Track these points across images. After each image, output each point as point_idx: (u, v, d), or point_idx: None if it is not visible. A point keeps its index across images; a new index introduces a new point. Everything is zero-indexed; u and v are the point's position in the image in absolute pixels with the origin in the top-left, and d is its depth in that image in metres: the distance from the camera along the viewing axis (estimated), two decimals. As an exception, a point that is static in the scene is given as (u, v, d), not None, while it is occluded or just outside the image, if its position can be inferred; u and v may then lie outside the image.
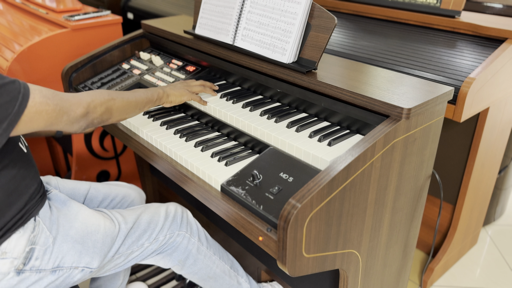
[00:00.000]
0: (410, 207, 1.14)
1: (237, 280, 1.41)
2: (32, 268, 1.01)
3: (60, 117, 0.94)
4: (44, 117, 0.91)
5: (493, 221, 2.19)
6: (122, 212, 1.21)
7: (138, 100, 1.13)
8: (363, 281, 1.11)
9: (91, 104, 1.00)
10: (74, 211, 1.11)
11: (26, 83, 0.91)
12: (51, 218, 1.06)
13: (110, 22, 2.01)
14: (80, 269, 1.08)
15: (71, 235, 1.07)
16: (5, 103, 0.84)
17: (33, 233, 1.02)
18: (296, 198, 0.79)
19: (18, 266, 0.99)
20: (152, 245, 1.22)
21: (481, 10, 1.77)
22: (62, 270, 1.06)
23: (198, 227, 1.33)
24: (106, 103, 1.04)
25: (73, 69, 1.60)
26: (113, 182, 1.44)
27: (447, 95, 1.05)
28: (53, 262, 1.04)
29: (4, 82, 0.86)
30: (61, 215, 1.09)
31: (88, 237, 1.09)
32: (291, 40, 1.15)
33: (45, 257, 1.03)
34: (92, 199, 1.33)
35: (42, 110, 0.90)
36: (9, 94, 0.85)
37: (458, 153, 1.62)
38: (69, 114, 0.96)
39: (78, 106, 0.97)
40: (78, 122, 0.99)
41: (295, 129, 1.09)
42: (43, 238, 1.03)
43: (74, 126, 0.99)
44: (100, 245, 1.11)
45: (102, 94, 1.04)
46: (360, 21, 1.78)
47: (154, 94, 1.18)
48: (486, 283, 1.80)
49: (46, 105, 0.91)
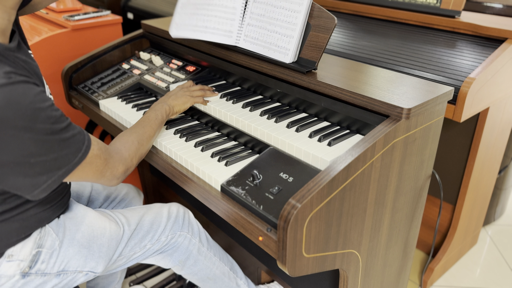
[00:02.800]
0: (410, 207, 1.14)
1: (236, 282, 1.41)
2: (37, 271, 1.01)
3: (105, 172, 0.95)
4: (93, 169, 0.91)
5: (493, 221, 2.19)
6: (125, 213, 1.21)
7: (155, 129, 1.14)
8: (363, 281, 1.11)
9: (128, 159, 1.02)
10: (81, 214, 1.11)
11: (88, 134, 0.91)
12: (57, 222, 1.06)
13: (110, 22, 2.01)
14: (85, 273, 1.08)
15: (77, 239, 1.07)
16: (70, 153, 0.85)
17: (40, 236, 1.01)
18: (296, 198, 0.79)
19: (24, 269, 0.99)
20: (154, 246, 1.22)
21: (481, 10, 1.77)
22: (67, 274, 1.06)
23: (199, 228, 1.33)
24: (139, 153, 1.06)
25: (73, 69, 1.60)
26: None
27: (447, 95, 1.05)
28: (59, 266, 1.04)
29: (75, 133, 0.86)
30: (67, 219, 1.09)
31: (94, 241, 1.09)
32: (292, 40, 1.15)
33: (51, 260, 1.03)
34: (93, 201, 1.34)
35: (94, 163, 0.91)
36: (76, 145, 0.86)
37: (458, 153, 1.62)
38: (112, 170, 0.97)
39: (119, 163, 0.98)
40: (118, 179, 1.00)
41: (295, 129, 1.09)
42: (49, 241, 1.03)
43: (113, 182, 1.00)
44: (106, 249, 1.11)
45: (134, 144, 1.05)
46: (360, 21, 1.78)
47: (163, 114, 1.18)
48: (486, 283, 1.80)
49: (98, 158, 0.92)
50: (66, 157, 0.84)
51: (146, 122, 1.13)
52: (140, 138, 1.08)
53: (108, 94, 1.49)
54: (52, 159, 0.82)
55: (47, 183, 0.85)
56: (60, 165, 0.84)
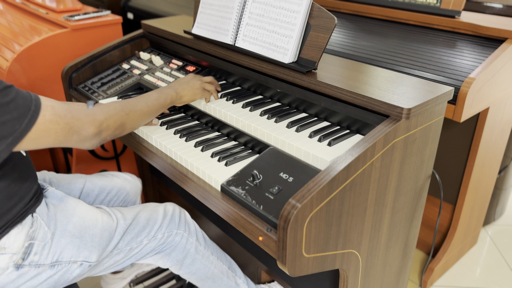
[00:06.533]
0: (410, 207, 1.14)
1: (235, 281, 1.41)
2: (31, 263, 1.02)
3: (69, 136, 0.91)
4: (52, 136, 0.88)
5: (493, 221, 2.19)
6: (121, 210, 1.22)
7: (151, 108, 1.10)
8: (363, 281, 1.11)
9: (104, 123, 0.97)
10: (71, 207, 1.12)
11: (38, 98, 0.86)
12: (48, 214, 1.07)
13: (110, 22, 2.01)
14: (79, 263, 1.09)
15: (69, 229, 1.07)
16: (12, 119, 0.81)
17: (32, 228, 1.02)
18: (296, 198, 0.79)
19: (17, 261, 0.99)
20: (150, 243, 1.23)
21: (481, 10, 1.77)
22: (61, 264, 1.06)
23: (196, 227, 1.33)
24: (119, 119, 1.01)
25: (73, 69, 1.60)
26: (109, 173, 1.44)
27: (447, 95, 1.05)
28: (52, 257, 1.05)
29: (15, 97, 0.82)
30: (58, 211, 1.09)
31: (86, 231, 1.10)
32: (292, 40, 1.15)
33: (44, 252, 1.03)
34: (89, 193, 1.33)
35: (51, 129, 0.87)
36: (18, 110, 0.81)
37: (458, 153, 1.62)
38: (79, 133, 0.92)
39: (90, 125, 0.94)
40: (90, 141, 0.96)
41: (295, 129, 1.09)
42: (41, 233, 1.03)
43: (86, 144, 0.95)
44: (98, 239, 1.11)
45: (115, 109, 1.00)
46: (360, 21, 1.78)
47: (168, 98, 1.15)
48: (486, 283, 1.80)
49: (56, 123, 0.87)
50: (9, 123, 0.80)
51: (144, 98, 1.10)
52: (126, 106, 1.03)
53: (108, 94, 1.49)
54: None
55: None
56: (4, 132, 0.80)
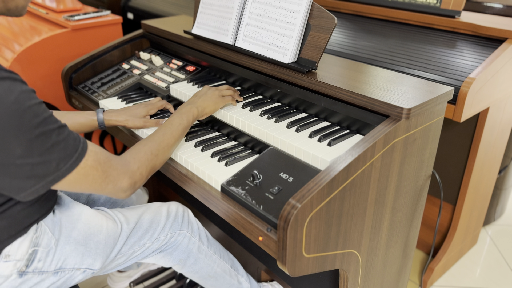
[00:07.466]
0: (410, 207, 1.14)
1: (238, 280, 1.41)
2: (34, 270, 1.01)
3: (105, 185, 0.90)
4: (89, 181, 0.87)
5: (493, 221, 2.19)
6: (123, 212, 1.21)
7: (177, 136, 1.08)
8: (363, 281, 1.11)
9: (137, 172, 0.95)
10: (77, 212, 1.11)
11: (86, 142, 0.86)
12: (53, 220, 1.06)
13: (110, 22, 2.01)
14: (82, 270, 1.08)
15: (73, 236, 1.07)
16: (59, 158, 0.80)
17: (36, 234, 1.01)
18: (296, 198, 0.79)
19: (21, 268, 0.99)
20: (153, 245, 1.22)
21: (481, 10, 1.77)
22: (64, 271, 1.06)
23: (198, 226, 1.33)
24: (150, 164, 0.99)
25: (73, 69, 1.60)
26: None
27: (447, 95, 1.05)
28: (56, 264, 1.04)
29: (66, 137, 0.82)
30: (63, 217, 1.08)
31: (91, 238, 1.09)
32: (292, 40, 1.15)
33: (48, 259, 1.03)
34: (95, 200, 1.34)
35: (90, 174, 0.86)
36: (66, 150, 0.81)
37: (458, 153, 1.62)
38: (115, 184, 0.91)
39: (124, 176, 0.92)
40: (125, 192, 0.94)
41: (295, 129, 1.09)
42: (45, 240, 1.03)
43: (120, 195, 0.94)
44: (103, 246, 1.11)
45: (146, 155, 0.98)
46: (360, 21, 1.78)
47: (190, 117, 1.12)
48: (486, 283, 1.80)
49: (95, 169, 0.86)
50: (54, 162, 0.80)
51: (168, 128, 1.07)
52: (155, 148, 1.02)
53: (108, 94, 1.49)
54: (39, 163, 0.79)
55: (34, 188, 0.81)
56: (48, 170, 0.80)
